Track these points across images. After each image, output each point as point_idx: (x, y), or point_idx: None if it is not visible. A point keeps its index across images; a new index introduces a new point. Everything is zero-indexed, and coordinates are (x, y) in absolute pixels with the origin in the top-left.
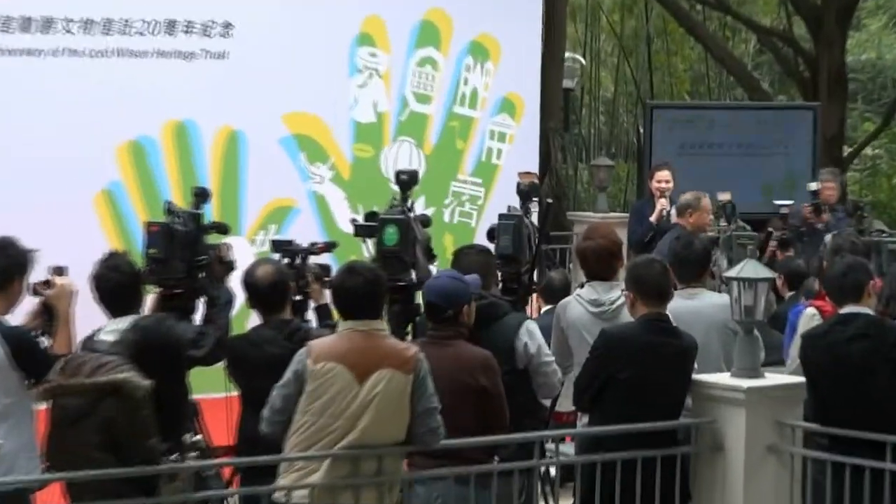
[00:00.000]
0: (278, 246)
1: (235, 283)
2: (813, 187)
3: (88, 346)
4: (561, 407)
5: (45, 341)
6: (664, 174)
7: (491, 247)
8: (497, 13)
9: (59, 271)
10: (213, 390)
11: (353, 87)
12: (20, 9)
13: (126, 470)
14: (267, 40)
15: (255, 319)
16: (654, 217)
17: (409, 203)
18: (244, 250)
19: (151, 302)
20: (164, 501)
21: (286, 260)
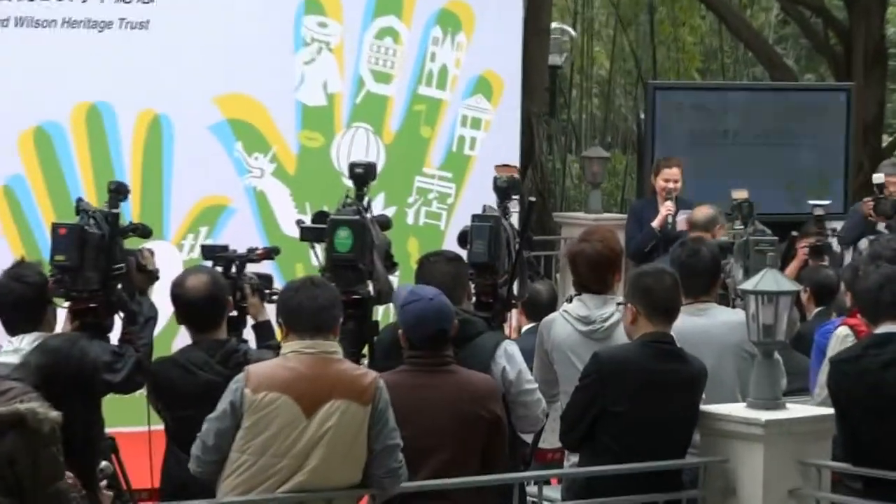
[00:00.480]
0: (210, 252)
1: (159, 296)
2: (879, 179)
3: None
4: (545, 443)
5: None
6: (673, 172)
7: (463, 254)
8: None
9: None
10: (132, 423)
11: (298, 63)
12: None
13: None
14: (196, 8)
15: (183, 339)
16: (656, 222)
17: (365, 201)
18: (170, 257)
19: (66, 318)
20: None
21: (220, 269)
